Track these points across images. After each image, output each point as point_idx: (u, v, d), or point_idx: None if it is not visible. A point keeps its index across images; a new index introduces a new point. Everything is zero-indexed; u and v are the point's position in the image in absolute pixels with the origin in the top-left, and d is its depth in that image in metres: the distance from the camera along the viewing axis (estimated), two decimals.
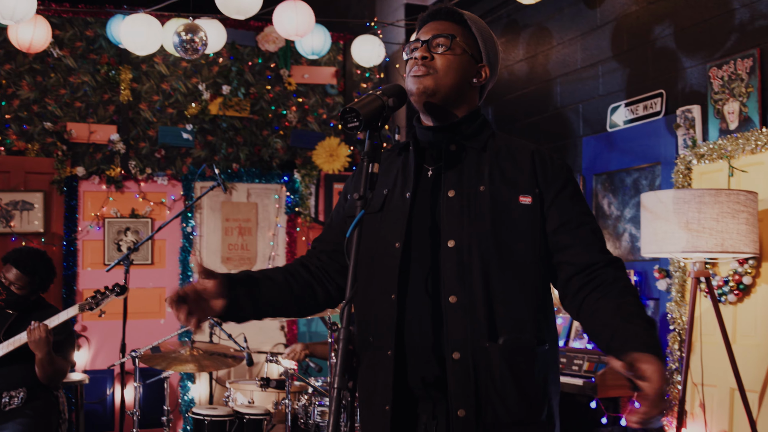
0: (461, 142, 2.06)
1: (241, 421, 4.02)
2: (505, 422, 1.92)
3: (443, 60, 2.04)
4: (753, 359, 3.90)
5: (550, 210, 2.01)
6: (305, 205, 6.77)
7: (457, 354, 1.91)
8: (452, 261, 1.95)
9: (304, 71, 7.03)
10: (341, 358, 1.70)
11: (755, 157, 4.02)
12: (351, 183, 2.23)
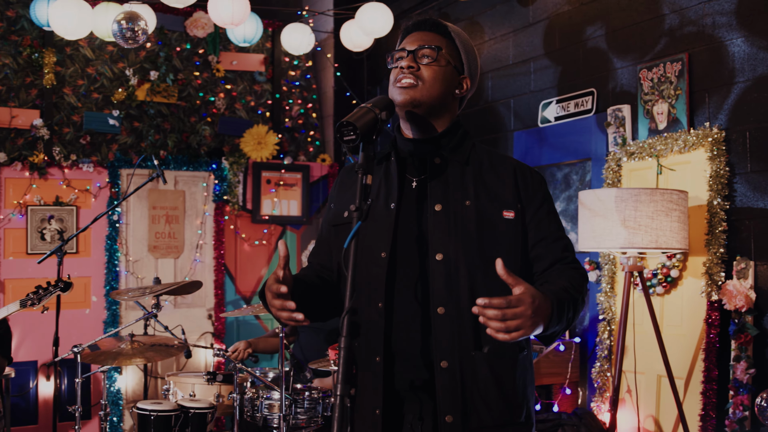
0: (444, 155, 2.13)
1: (186, 415, 4.02)
2: (489, 425, 2.02)
3: (429, 71, 2.11)
4: (679, 348, 4.12)
5: (530, 224, 2.11)
6: (233, 193, 6.73)
7: (445, 363, 1.99)
8: (441, 273, 2.02)
9: (232, 58, 6.97)
10: (343, 366, 1.76)
11: (683, 156, 4.23)
12: (336, 192, 2.28)
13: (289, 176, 6.96)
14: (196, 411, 4.05)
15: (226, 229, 6.75)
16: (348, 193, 2.22)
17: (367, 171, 1.92)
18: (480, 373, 2.01)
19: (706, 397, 3.97)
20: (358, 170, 1.93)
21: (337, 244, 2.19)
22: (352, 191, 2.19)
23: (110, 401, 6.24)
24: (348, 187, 2.24)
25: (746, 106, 4.02)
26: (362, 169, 1.92)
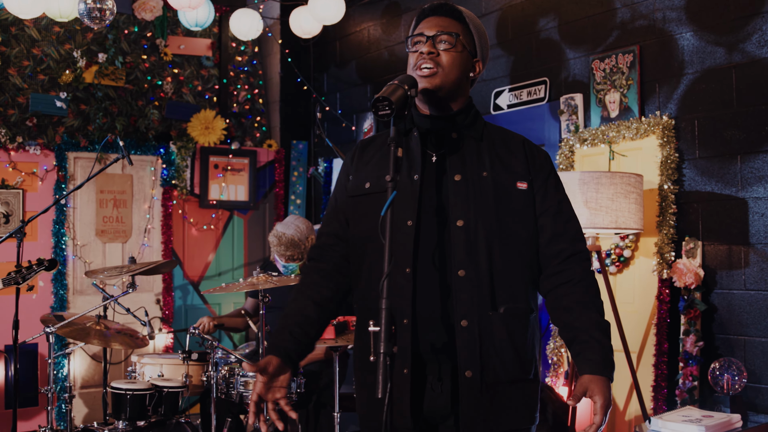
0: (461, 131, 2.26)
1: (160, 393, 4.05)
2: (503, 380, 2.17)
3: (448, 57, 2.23)
4: (632, 324, 4.37)
5: (538, 195, 2.26)
6: (181, 177, 6.72)
7: (465, 322, 2.13)
8: (461, 239, 2.16)
9: (180, 42, 6.95)
10: (385, 326, 1.87)
11: (635, 143, 4.48)
12: (352, 165, 2.38)
13: (236, 161, 6.99)
14: (169, 390, 4.09)
15: (174, 213, 6.74)
16: (369, 165, 2.32)
17: (398, 144, 2.04)
18: (496, 332, 2.16)
19: (658, 369, 4.22)
20: (390, 143, 2.04)
21: (358, 214, 2.30)
22: (372, 163, 2.30)
23: (58, 387, 6.18)
24: (367, 160, 2.34)
25: (695, 96, 4.27)
26: (394, 142, 2.03)
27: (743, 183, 4.06)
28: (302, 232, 4.48)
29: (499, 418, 2.17)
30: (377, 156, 2.34)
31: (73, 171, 6.37)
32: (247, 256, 7.10)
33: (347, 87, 6.86)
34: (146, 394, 3.99)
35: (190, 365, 4.33)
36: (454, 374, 2.15)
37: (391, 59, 6.39)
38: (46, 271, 4.01)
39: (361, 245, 2.29)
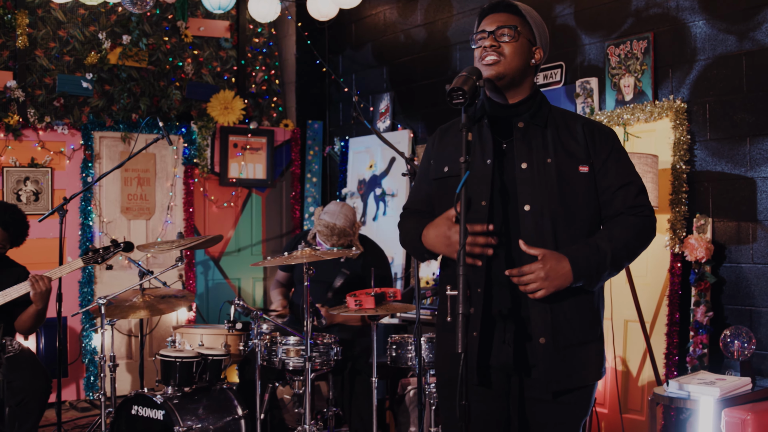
0: (527, 119, 2.49)
1: (205, 361, 4.31)
2: (574, 343, 2.43)
3: (509, 47, 2.46)
4: (645, 295, 4.64)
5: (599, 175, 2.49)
6: (202, 156, 6.94)
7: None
8: (529, 221, 2.41)
9: (199, 24, 7.15)
10: (463, 290, 2.13)
11: (648, 125, 4.73)
12: (433, 150, 2.61)
13: (254, 140, 7.21)
14: (214, 357, 4.34)
15: (196, 191, 6.96)
16: (447, 150, 2.56)
17: (469, 129, 2.28)
18: (564, 302, 2.42)
19: (670, 337, 4.50)
20: (462, 129, 2.28)
21: (440, 194, 2.55)
22: (450, 148, 2.55)
23: (87, 360, 6.43)
24: (446, 146, 2.58)
25: (706, 82, 4.53)
26: (465, 127, 2.28)
27: (752, 163, 4.33)
28: (350, 220, 4.70)
29: (571, 376, 2.43)
30: (454, 141, 2.57)
31: (98, 150, 6.58)
32: (265, 233, 7.34)
33: (363, 69, 7.08)
34: (193, 362, 4.25)
35: (228, 336, 4.58)
36: (518, 338, 2.41)
37: (407, 42, 6.60)
38: (123, 252, 4.23)
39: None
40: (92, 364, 6.47)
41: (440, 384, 2.61)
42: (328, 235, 4.61)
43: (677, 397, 3.75)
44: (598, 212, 2.50)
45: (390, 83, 6.79)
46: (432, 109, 6.37)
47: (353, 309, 3.90)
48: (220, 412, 4.28)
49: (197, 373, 4.26)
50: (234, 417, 4.30)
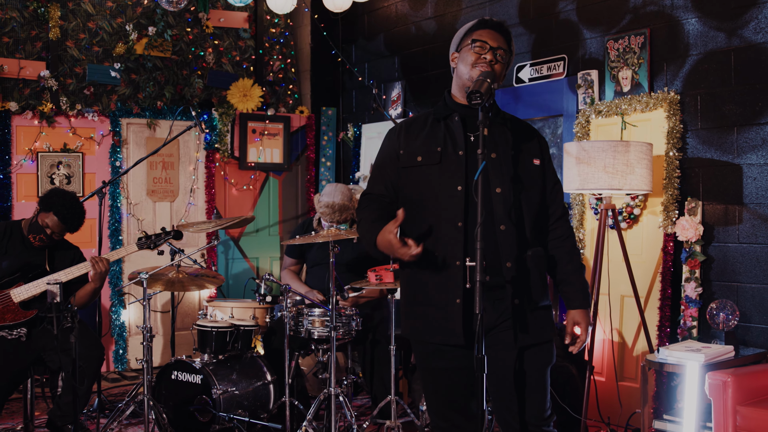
0: (492, 119, 2.91)
1: (237, 331, 4.72)
2: (537, 305, 2.90)
3: (499, 67, 2.93)
4: (640, 272, 5.04)
5: (546, 172, 3.01)
6: (223, 141, 7.32)
7: (509, 263, 2.81)
8: (500, 201, 2.84)
9: (219, 15, 7.51)
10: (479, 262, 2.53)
11: (644, 115, 5.11)
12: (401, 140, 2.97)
13: (272, 126, 7.59)
14: (245, 328, 4.75)
15: (217, 174, 7.34)
16: (417, 142, 2.94)
17: (485, 125, 2.67)
18: (530, 269, 2.88)
19: (662, 311, 4.90)
20: (479, 124, 2.67)
21: (411, 181, 2.93)
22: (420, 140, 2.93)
23: (116, 333, 6.84)
24: (414, 138, 2.96)
25: (698, 75, 4.90)
26: (482, 124, 2.67)
27: (739, 151, 4.71)
28: (347, 196, 5.09)
29: (538, 331, 2.90)
30: (423, 134, 2.96)
31: (126, 135, 6.96)
32: (282, 214, 7.74)
33: (375, 58, 7.45)
34: (227, 331, 4.65)
35: (255, 308, 4.98)
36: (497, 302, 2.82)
37: (418, 33, 6.97)
38: (173, 240, 4.61)
39: (415, 206, 2.92)
40: (120, 338, 6.88)
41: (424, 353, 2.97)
42: (331, 214, 4.98)
43: (666, 362, 4.16)
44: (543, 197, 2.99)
45: (401, 72, 7.16)
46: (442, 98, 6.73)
47: (374, 283, 4.30)
48: (251, 378, 4.69)
49: (230, 342, 4.67)
50: (264, 382, 4.72)
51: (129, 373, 6.88)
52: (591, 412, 4.92)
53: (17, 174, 6.53)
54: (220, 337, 4.63)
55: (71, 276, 4.44)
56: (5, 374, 4.26)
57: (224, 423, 4.42)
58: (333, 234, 4.22)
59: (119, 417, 4.96)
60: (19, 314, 4.41)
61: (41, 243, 4.57)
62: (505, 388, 2.89)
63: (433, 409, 3.01)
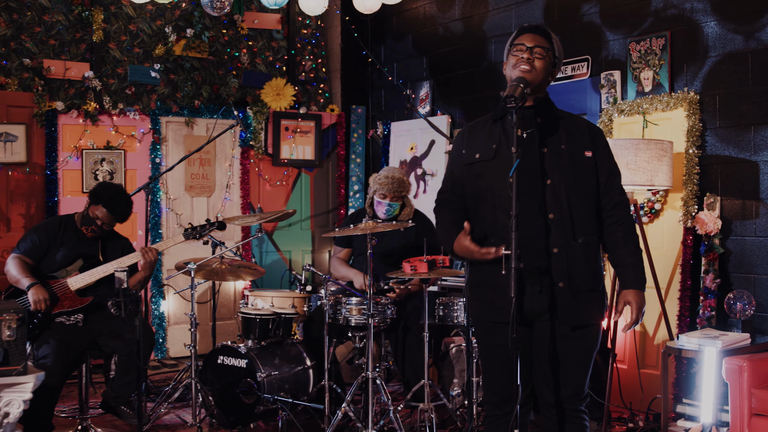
0: (544, 116, 3.16)
1: (279, 318, 5.01)
2: (584, 290, 3.10)
3: (539, 63, 3.13)
4: (661, 265, 5.27)
5: (598, 161, 3.17)
6: (257, 139, 7.61)
7: (557, 249, 3.05)
8: (551, 193, 3.08)
9: (254, 17, 7.80)
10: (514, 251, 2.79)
11: (665, 114, 5.34)
12: (464, 141, 3.27)
13: (304, 124, 7.88)
14: (286, 315, 5.04)
15: (251, 171, 7.64)
16: (477, 141, 3.22)
17: (519, 126, 2.93)
18: (577, 255, 3.09)
19: (682, 301, 5.14)
20: (514, 126, 2.93)
21: (472, 176, 3.21)
22: (479, 139, 3.21)
23: (155, 323, 7.15)
24: (475, 138, 3.24)
25: (717, 76, 5.13)
26: (516, 125, 2.93)
27: (755, 149, 4.94)
28: (403, 173, 5.37)
29: (582, 314, 3.12)
30: (483, 134, 3.24)
31: (165, 133, 7.27)
32: (314, 209, 8.03)
33: (404, 58, 7.72)
34: (270, 319, 4.94)
35: (294, 298, 5.26)
36: (545, 287, 3.07)
37: (446, 34, 7.22)
38: (217, 230, 4.89)
39: (475, 198, 3.20)
40: (160, 327, 7.19)
41: (483, 331, 3.26)
42: (390, 184, 5.18)
43: (685, 348, 4.40)
44: (596, 187, 3.18)
45: (429, 72, 7.42)
46: (468, 97, 7.01)
47: (409, 273, 4.56)
48: (292, 363, 4.98)
49: (272, 329, 4.96)
50: (303, 367, 5.01)
51: (168, 361, 7.20)
52: (614, 397, 5.17)
53: (63, 170, 6.85)
54: (263, 324, 4.92)
55: (123, 265, 4.73)
56: (65, 357, 4.55)
57: (268, 404, 4.71)
58: (371, 227, 4.49)
59: (167, 400, 5.26)
60: (76, 301, 4.72)
61: (93, 234, 4.86)
62: (547, 365, 3.15)
63: (487, 382, 3.29)
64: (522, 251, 3.04)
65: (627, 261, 3.18)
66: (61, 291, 4.73)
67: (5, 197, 6.66)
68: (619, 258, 3.20)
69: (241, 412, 4.84)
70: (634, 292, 3.16)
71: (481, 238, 3.19)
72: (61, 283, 4.75)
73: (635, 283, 3.17)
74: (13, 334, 2.85)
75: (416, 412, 4.85)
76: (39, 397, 3.68)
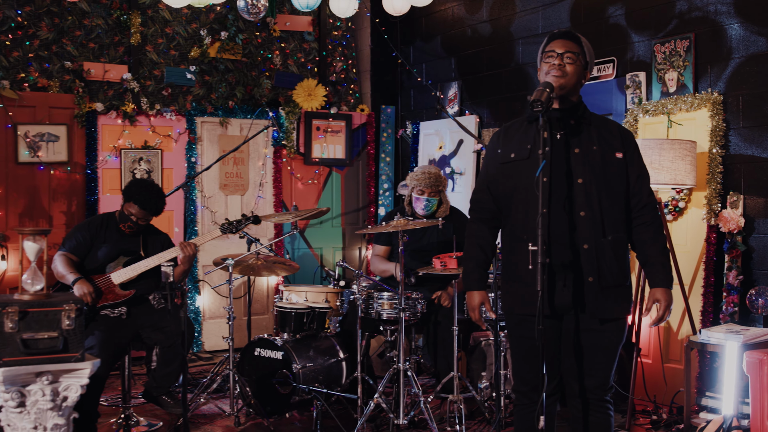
0: (577, 118, 3.31)
1: (314, 312, 5.20)
2: (612, 285, 3.24)
3: (570, 68, 3.27)
4: (684, 262, 5.40)
5: (630, 163, 3.31)
6: (289, 138, 7.81)
7: (587, 245, 3.20)
8: (581, 191, 3.22)
9: (286, 20, 8.00)
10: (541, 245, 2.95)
11: (689, 114, 5.46)
12: (500, 141, 3.43)
13: (335, 124, 8.07)
14: (320, 309, 5.23)
15: (284, 169, 7.84)
16: (512, 142, 3.38)
17: (545, 129, 3.09)
18: (606, 252, 3.23)
19: (706, 298, 5.27)
20: (540, 128, 3.09)
21: (506, 175, 3.37)
22: (514, 140, 3.37)
23: (191, 318, 7.37)
24: (510, 139, 3.40)
25: (740, 77, 5.24)
26: (543, 127, 3.08)
27: None
28: (439, 170, 5.54)
29: (609, 308, 3.26)
30: (518, 135, 3.39)
31: (200, 133, 7.48)
32: (344, 206, 8.22)
33: (432, 59, 7.88)
34: (304, 313, 5.14)
35: (327, 293, 5.45)
36: (575, 282, 3.22)
37: (474, 36, 7.37)
38: (253, 224, 5.09)
39: (508, 196, 3.36)
40: (195, 322, 7.40)
41: (513, 323, 3.43)
42: (426, 179, 5.35)
43: (708, 342, 4.54)
44: (626, 187, 3.32)
45: (458, 72, 7.58)
46: (496, 97, 7.16)
47: (439, 269, 4.74)
48: (326, 355, 5.17)
49: (307, 322, 5.15)
50: (337, 359, 5.19)
51: (204, 354, 7.42)
52: (638, 391, 5.30)
53: (102, 169, 7.08)
54: (298, 317, 5.11)
55: (163, 260, 4.93)
56: (109, 349, 4.77)
57: (303, 394, 4.90)
58: (402, 224, 4.67)
59: (206, 390, 5.47)
60: (119, 294, 4.93)
61: (131, 230, 5.07)
62: (574, 357, 3.30)
63: (516, 373, 3.46)
64: (552, 247, 3.20)
65: (656, 260, 3.31)
66: (105, 285, 4.94)
67: (48, 195, 6.91)
68: (648, 257, 3.33)
69: (277, 402, 5.04)
70: (663, 290, 3.29)
71: (512, 238, 3.35)
72: (105, 277, 4.96)
73: (664, 282, 3.31)
74: (72, 324, 3.05)
75: (446, 404, 5.03)
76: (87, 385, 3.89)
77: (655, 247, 3.32)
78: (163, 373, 5.01)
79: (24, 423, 3.03)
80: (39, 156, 6.81)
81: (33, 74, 6.91)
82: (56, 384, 3.05)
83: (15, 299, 3.04)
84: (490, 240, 3.46)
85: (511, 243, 3.35)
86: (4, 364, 2.95)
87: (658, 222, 3.37)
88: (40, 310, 3.01)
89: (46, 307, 3.02)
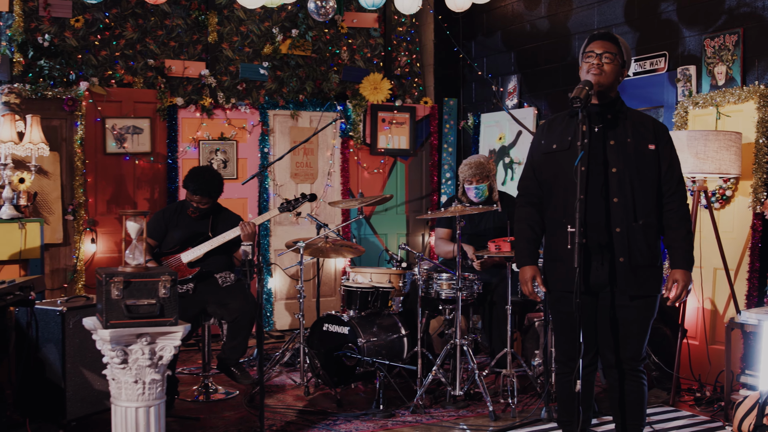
0: (614, 113, 3.64)
1: (377, 291, 5.62)
2: (642, 265, 3.58)
3: (608, 67, 3.61)
4: (730, 247, 5.65)
5: (662, 155, 3.63)
6: (356, 130, 8.24)
7: (619, 229, 3.55)
8: (615, 179, 3.56)
9: (353, 17, 8.42)
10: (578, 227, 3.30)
11: (737, 106, 5.70)
12: (545, 132, 3.78)
13: (399, 116, 8.46)
14: (383, 289, 5.65)
15: (350, 159, 8.28)
16: (555, 133, 3.73)
17: (583, 123, 3.43)
18: (637, 235, 3.57)
19: (751, 282, 5.51)
20: (580, 123, 3.43)
21: (549, 164, 3.72)
22: (557, 132, 3.72)
23: (264, 299, 7.86)
24: (553, 130, 3.75)
25: None
26: (582, 121, 3.43)
27: None
28: (484, 158, 5.91)
29: (639, 285, 3.60)
30: (560, 127, 3.75)
31: (272, 125, 7.96)
32: (408, 194, 8.63)
33: (493, 53, 8.21)
34: (369, 292, 5.56)
35: (390, 274, 5.86)
36: (610, 261, 3.57)
37: (533, 31, 7.68)
38: (309, 202, 5.52)
39: (550, 183, 3.72)
40: (268, 302, 7.89)
41: (554, 299, 3.78)
42: (468, 170, 5.78)
43: (747, 323, 4.81)
44: (657, 176, 3.64)
45: (517, 66, 7.90)
46: (553, 90, 7.46)
47: (494, 252, 5.11)
48: (389, 331, 5.58)
49: (371, 300, 5.57)
50: (399, 335, 5.61)
51: (275, 332, 7.91)
52: (684, 370, 5.59)
53: (182, 159, 7.61)
54: (363, 296, 5.54)
55: (226, 239, 5.39)
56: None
57: (367, 366, 5.33)
58: (459, 210, 5.05)
59: (277, 363, 5.94)
60: (186, 272, 5.42)
61: (196, 214, 5.54)
62: (609, 330, 3.65)
63: (558, 344, 3.83)
64: (588, 230, 3.55)
65: (678, 244, 3.64)
66: (174, 264, 5.43)
67: (132, 183, 7.47)
68: (672, 240, 3.66)
69: (343, 374, 5.48)
70: (682, 272, 3.61)
71: (553, 221, 3.71)
72: (176, 257, 5.45)
73: (683, 264, 3.63)
74: (168, 292, 3.52)
75: (500, 378, 5.40)
76: None
77: (678, 232, 3.64)
78: (230, 346, 5.46)
79: (126, 377, 3.51)
80: (125, 147, 7.37)
81: (119, 72, 7.46)
82: (153, 344, 3.52)
83: (119, 271, 3.53)
84: (538, 219, 3.81)
85: (552, 226, 3.72)
86: (111, 326, 3.44)
87: (685, 209, 3.68)
88: (141, 281, 3.49)
89: (146, 278, 3.49)
